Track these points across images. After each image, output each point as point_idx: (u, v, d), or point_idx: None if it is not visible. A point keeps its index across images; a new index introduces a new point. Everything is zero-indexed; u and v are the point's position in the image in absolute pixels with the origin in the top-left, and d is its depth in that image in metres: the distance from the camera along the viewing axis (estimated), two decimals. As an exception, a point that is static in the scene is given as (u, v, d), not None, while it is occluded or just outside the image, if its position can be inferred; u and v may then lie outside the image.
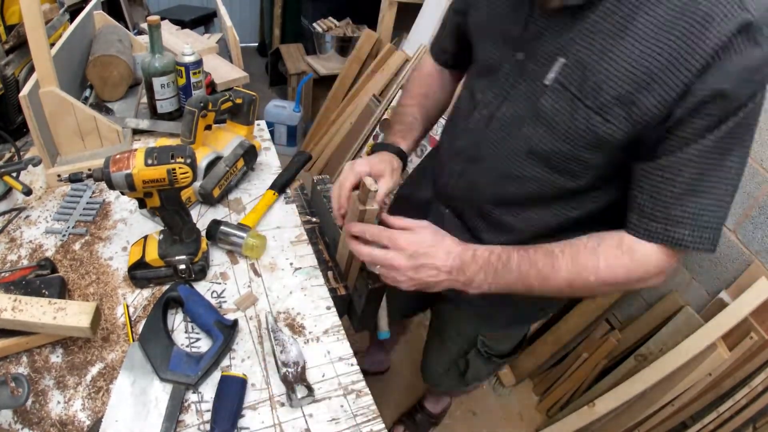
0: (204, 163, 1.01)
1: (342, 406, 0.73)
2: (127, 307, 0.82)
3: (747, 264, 1.32)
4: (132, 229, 0.97)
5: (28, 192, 0.91)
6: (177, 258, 0.84)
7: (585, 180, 0.72)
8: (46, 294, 0.76)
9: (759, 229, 1.30)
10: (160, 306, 0.78)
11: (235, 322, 0.79)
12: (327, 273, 0.94)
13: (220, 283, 0.89)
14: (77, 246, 0.92)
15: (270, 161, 1.21)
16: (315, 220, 1.08)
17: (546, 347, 1.80)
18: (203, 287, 0.87)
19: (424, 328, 1.84)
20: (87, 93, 1.30)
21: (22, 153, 1.07)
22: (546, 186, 0.74)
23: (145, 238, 0.87)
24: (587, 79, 0.63)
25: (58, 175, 0.87)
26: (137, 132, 1.22)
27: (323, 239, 1.03)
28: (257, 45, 4.12)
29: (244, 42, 2.11)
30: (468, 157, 0.82)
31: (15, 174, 0.93)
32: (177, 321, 0.81)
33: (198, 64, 1.22)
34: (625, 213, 0.69)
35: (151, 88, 1.21)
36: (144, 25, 2.05)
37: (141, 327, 0.78)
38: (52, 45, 1.04)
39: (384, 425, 0.71)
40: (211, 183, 1.01)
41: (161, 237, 0.86)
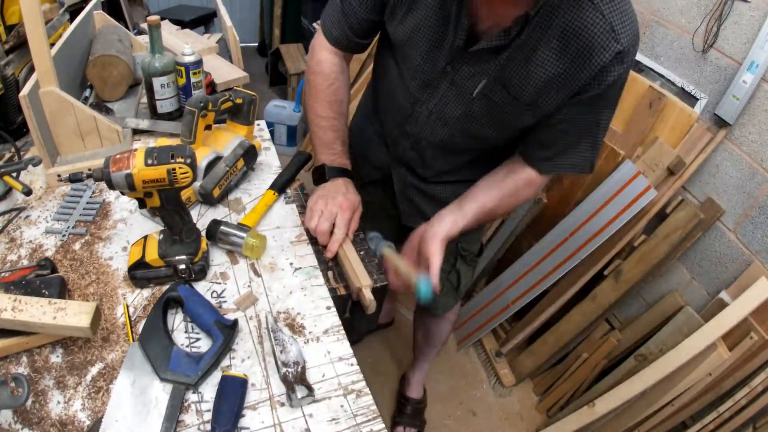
0: (204, 163, 1.01)
1: (342, 406, 0.73)
2: (127, 307, 0.82)
3: (747, 264, 1.32)
4: (132, 229, 0.97)
5: (28, 192, 0.91)
6: (177, 258, 0.84)
7: (501, 143, 1.00)
8: (46, 294, 0.75)
9: (759, 229, 1.30)
10: (160, 306, 0.78)
11: (235, 322, 0.79)
12: (327, 273, 0.94)
13: (220, 283, 0.89)
14: (77, 246, 0.92)
15: (270, 161, 1.21)
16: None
17: (546, 347, 1.80)
18: (203, 287, 0.87)
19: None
20: (87, 93, 1.30)
21: (22, 153, 1.07)
22: (477, 151, 1.04)
23: (145, 238, 0.87)
24: (507, 94, 0.85)
25: (58, 175, 0.87)
26: (137, 132, 1.22)
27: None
28: (257, 45, 4.12)
29: (244, 42, 2.11)
30: (416, 139, 1.04)
31: (15, 174, 0.92)
32: (177, 321, 0.81)
33: (198, 64, 1.23)
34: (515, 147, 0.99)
35: (151, 88, 1.21)
36: (144, 25, 2.05)
37: (141, 327, 0.78)
38: (52, 45, 1.04)
39: (384, 425, 0.71)
40: (211, 183, 1.01)
41: (161, 237, 0.86)
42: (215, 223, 0.93)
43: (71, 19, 1.44)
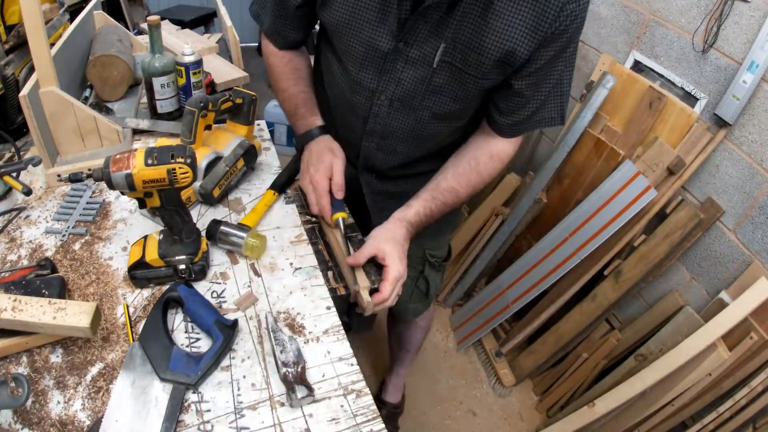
0: (204, 163, 1.01)
1: (342, 406, 0.73)
2: (127, 307, 0.82)
3: (747, 264, 1.32)
4: (132, 229, 0.97)
5: (28, 192, 0.91)
6: (177, 258, 0.84)
7: (468, 116, 0.99)
8: (46, 294, 0.75)
9: (759, 229, 1.30)
10: (160, 306, 0.78)
11: (235, 322, 0.79)
12: (327, 273, 0.94)
13: (220, 283, 0.89)
14: (77, 246, 0.92)
15: (270, 161, 1.21)
16: (315, 219, 1.07)
17: (546, 347, 1.80)
18: (203, 287, 0.87)
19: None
20: (87, 93, 1.30)
21: (22, 153, 1.07)
22: (447, 132, 1.00)
23: (145, 238, 0.87)
24: (468, 55, 0.80)
25: (58, 175, 0.87)
26: (137, 132, 1.22)
27: (323, 239, 1.03)
28: (257, 45, 4.11)
29: (244, 42, 2.11)
30: (381, 135, 1.00)
31: (15, 174, 0.93)
32: (177, 321, 0.81)
33: (198, 64, 1.23)
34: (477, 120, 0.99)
35: (151, 88, 1.21)
36: (144, 25, 2.06)
37: (141, 327, 0.78)
38: (52, 45, 1.04)
39: (384, 425, 0.71)
40: (211, 183, 1.01)
41: (161, 237, 0.86)
42: (215, 223, 0.93)
43: (71, 19, 1.44)
